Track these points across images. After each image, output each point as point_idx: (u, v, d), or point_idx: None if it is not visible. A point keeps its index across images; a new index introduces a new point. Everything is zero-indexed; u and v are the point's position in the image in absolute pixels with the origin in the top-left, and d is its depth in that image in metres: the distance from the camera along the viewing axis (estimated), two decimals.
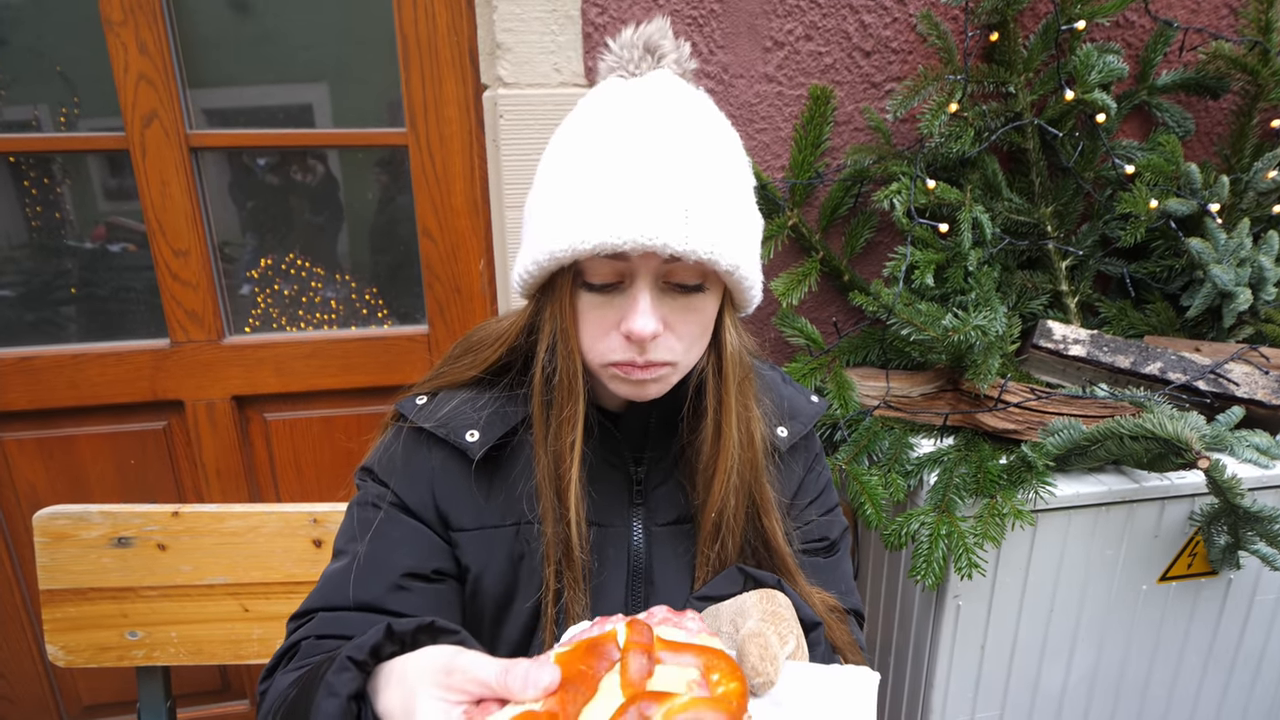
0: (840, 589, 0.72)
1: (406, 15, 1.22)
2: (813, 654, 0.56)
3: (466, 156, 1.29)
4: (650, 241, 0.52)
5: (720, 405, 0.62)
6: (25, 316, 1.29)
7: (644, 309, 0.55)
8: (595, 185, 0.54)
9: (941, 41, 1.21)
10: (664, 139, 0.55)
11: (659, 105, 0.57)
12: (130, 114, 1.19)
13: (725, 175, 0.57)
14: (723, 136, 0.59)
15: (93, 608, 0.97)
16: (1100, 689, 1.22)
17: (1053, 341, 1.20)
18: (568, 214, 0.55)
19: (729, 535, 0.65)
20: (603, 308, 0.58)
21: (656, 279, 0.57)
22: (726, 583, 0.62)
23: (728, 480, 0.63)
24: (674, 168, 0.54)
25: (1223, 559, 1.10)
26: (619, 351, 0.58)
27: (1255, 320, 1.27)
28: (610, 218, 0.52)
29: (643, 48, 0.61)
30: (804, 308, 1.33)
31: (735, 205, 0.57)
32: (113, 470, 1.34)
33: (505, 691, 0.42)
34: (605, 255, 0.54)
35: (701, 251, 0.53)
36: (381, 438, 0.70)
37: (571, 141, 0.58)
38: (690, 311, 0.59)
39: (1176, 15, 1.30)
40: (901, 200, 1.16)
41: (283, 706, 0.54)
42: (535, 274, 0.58)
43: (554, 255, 0.55)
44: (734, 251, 0.55)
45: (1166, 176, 1.23)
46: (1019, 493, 1.05)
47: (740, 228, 0.57)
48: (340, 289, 1.39)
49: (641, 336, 0.55)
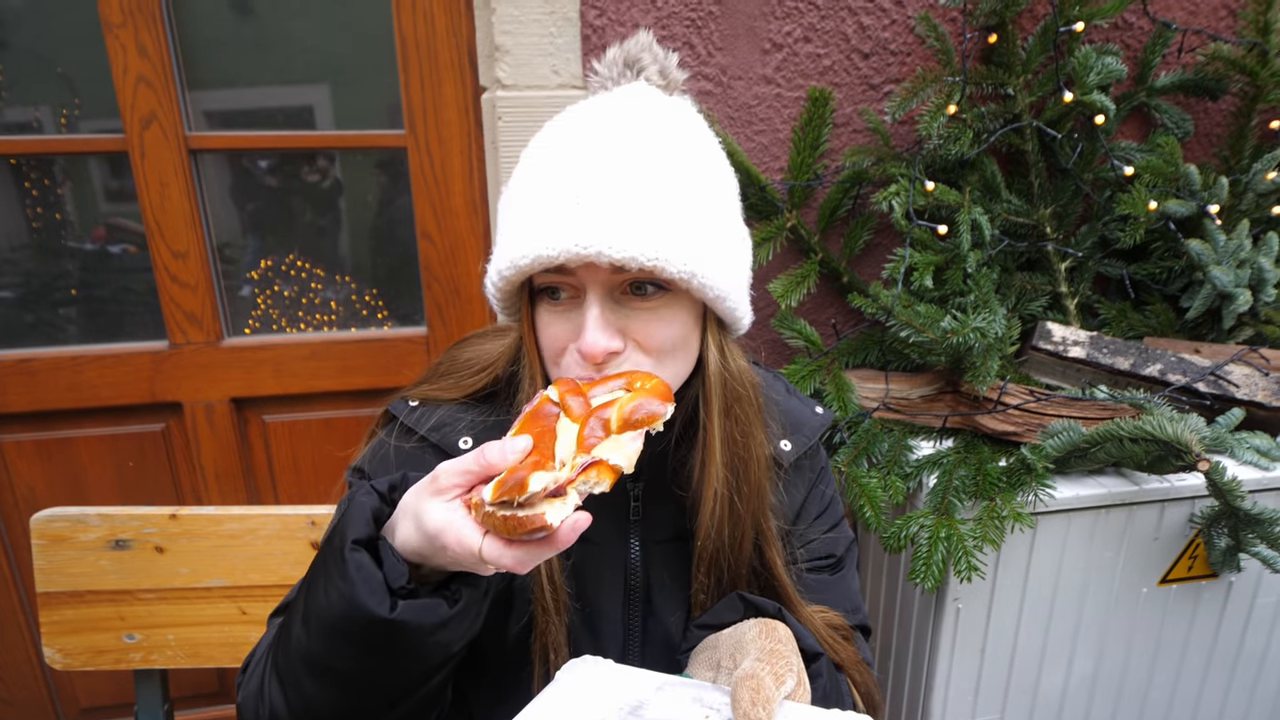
0: (846, 606, 0.71)
1: (405, 18, 1.22)
2: (814, 684, 0.55)
3: (465, 158, 1.30)
4: (585, 250, 0.49)
5: (705, 431, 0.60)
6: (25, 318, 1.29)
7: (592, 324, 0.53)
8: (533, 199, 0.54)
9: (940, 43, 1.21)
10: (605, 147, 0.54)
11: (608, 116, 0.56)
12: (129, 116, 1.19)
13: (678, 182, 0.54)
14: (683, 145, 0.57)
15: (90, 610, 0.97)
16: (1101, 692, 1.21)
17: (1052, 343, 1.19)
18: (513, 230, 0.54)
19: (725, 562, 0.64)
20: (560, 321, 0.56)
21: (609, 290, 0.54)
22: (727, 610, 0.61)
23: (714, 508, 0.61)
24: (611, 175, 0.52)
25: (1223, 561, 1.10)
26: (575, 369, 0.55)
27: (1255, 322, 1.27)
28: (546, 229, 0.51)
29: (623, 63, 0.61)
30: (803, 309, 1.33)
31: (689, 211, 0.54)
32: (111, 472, 1.34)
33: (486, 468, 0.46)
34: (549, 270, 0.53)
35: (644, 257, 0.50)
36: (372, 439, 0.69)
37: (525, 161, 0.58)
38: (656, 321, 0.55)
39: (1175, 17, 1.30)
40: (900, 202, 1.16)
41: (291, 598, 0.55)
42: (495, 295, 0.58)
43: (501, 273, 0.54)
44: (685, 258, 0.52)
45: (1165, 178, 1.23)
46: (1018, 495, 1.05)
47: (695, 235, 0.54)
48: (340, 290, 1.39)
49: (591, 353, 0.53)
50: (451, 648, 0.51)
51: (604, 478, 0.45)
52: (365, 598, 0.47)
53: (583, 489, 0.45)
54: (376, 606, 0.47)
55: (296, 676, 0.52)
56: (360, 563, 0.48)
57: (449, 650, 0.51)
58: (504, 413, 0.65)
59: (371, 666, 0.50)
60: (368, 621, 0.47)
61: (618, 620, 0.66)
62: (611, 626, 0.66)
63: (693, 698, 0.52)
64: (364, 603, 0.47)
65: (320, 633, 0.50)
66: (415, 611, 0.48)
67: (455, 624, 0.50)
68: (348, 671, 0.50)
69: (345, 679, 0.51)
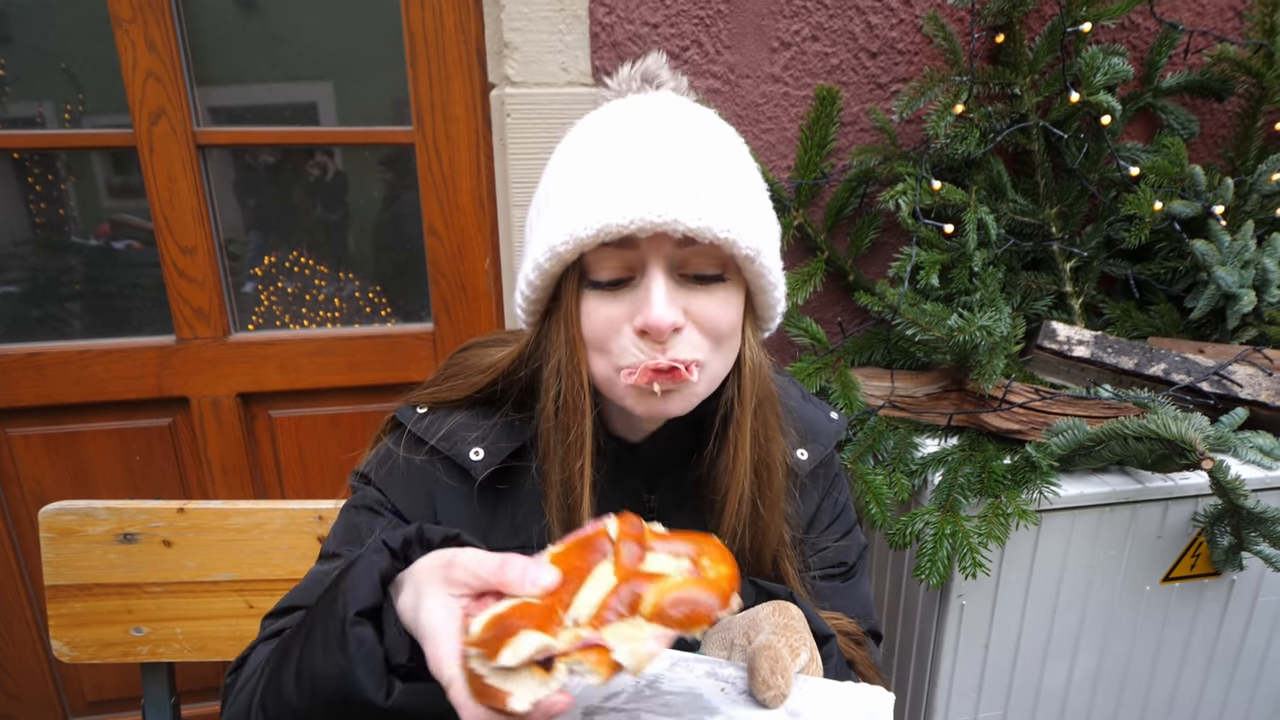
0: (858, 612, 0.70)
1: (414, 14, 1.22)
2: (826, 666, 0.55)
3: (473, 155, 1.30)
4: (660, 218, 0.47)
5: (737, 427, 0.58)
6: (31, 312, 1.29)
7: (660, 297, 0.50)
8: (595, 173, 0.51)
9: (947, 43, 1.21)
10: (667, 125, 0.53)
11: (662, 105, 0.56)
12: (138, 111, 1.19)
13: (739, 167, 0.55)
14: (733, 139, 0.58)
15: (98, 603, 0.98)
16: (1103, 689, 1.22)
17: (1057, 342, 1.20)
18: (568, 207, 0.51)
19: (744, 568, 0.62)
20: (611, 306, 0.52)
21: (671, 267, 0.52)
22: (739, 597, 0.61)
23: (739, 509, 0.59)
24: (680, 148, 0.51)
25: (1226, 560, 1.10)
26: (633, 352, 0.52)
27: (1259, 322, 1.27)
28: (612, 199, 0.49)
29: (640, 78, 0.60)
30: (809, 307, 1.33)
31: (751, 195, 0.54)
32: (118, 467, 1.34)
33: (502, 585, 0.41)
34: (611, 243, 0.50)
35: (718, 229, 0.48)
36: (377, 445, 0.67)
37: (571, 147, 0.56)
38: (714, 304, 0.53)
39: (1182, 18, 1.31)
40: (907, 201, 1.16)
41: (288, 639, 0.50)
42: (537, 282, 0.54)
43: (554, 250, 0.51)
44: (754, 236, 0.51)
45: (1171, 178, 1.23)
46: (1023, 493, 1.05)
47: (759, 218, 0.54)
48: (343, 287, 1.39)
49: (660, 327, 0.49)
50: None
51: (599, 671, 0.38)
52: (363, 679, 0.43)
53: (575, 670, 0.38)
54: (373, 693, 0.43)
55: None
56: (362, 638, 0.44)
57: None
58: (509, 413, 0.63)
59: None
60: (363, 705, 0.43)
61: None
62: None
63: (706, 672, 0.52)
64: (361, 685, 0.43)
65: (312, 698, 0.46)
66: (414, 697, 0.44)
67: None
68: None
69: None
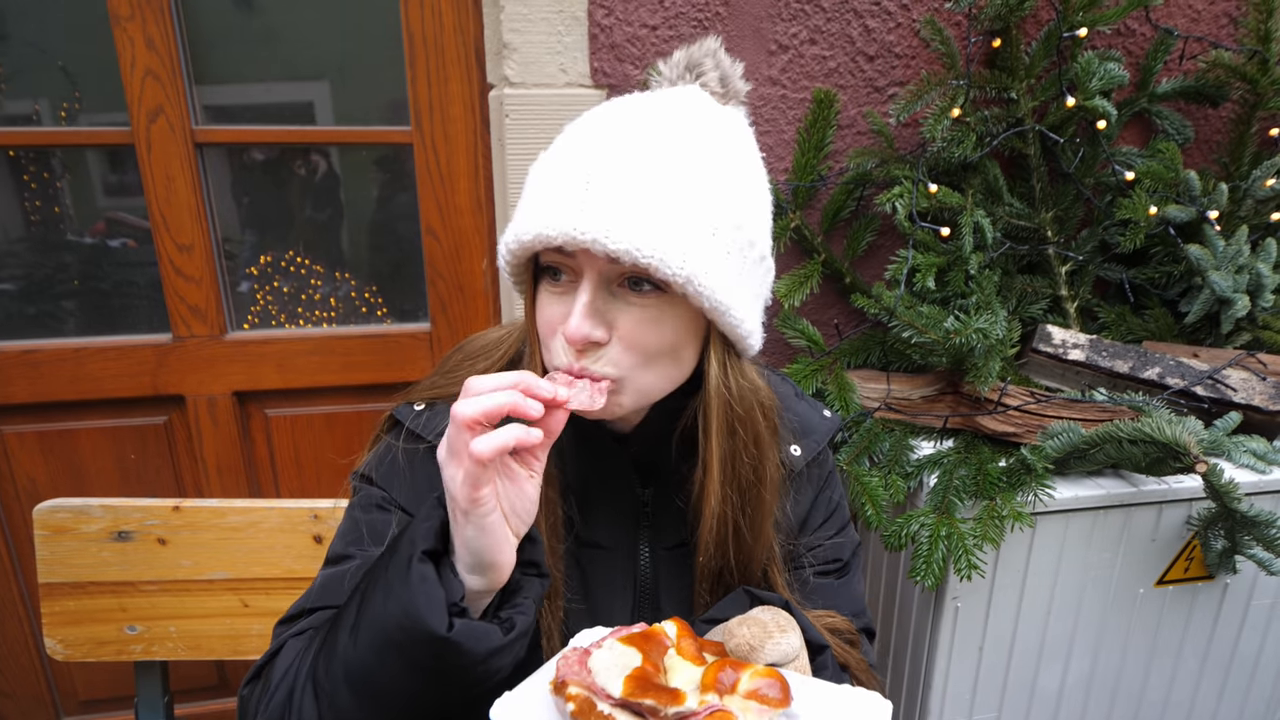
0: (851, 610, 0.71)
1: (413, 14, 1.22)
2: (821, 676, 0.56)
3: (471, 155, 1.30)
4: (581, 236, 0.49)
5: (705, 449, 0.58)
6: (26, 310, 1.29)
7: (579, 310, 0.52)
8: (547, 180, 0.54)
9: (944, 47, 1.22)
10: (632, 140, 0.53)
11: (643, 110, 0.56)
12: (136, 109, 1.19)
13: (700, 185, 0.52)
14: (716, 151, 0.55)
15: (92, 601, 0.97)
16: (1097, 691, 1.22)
17: (1052, 346, 1.20)
18: (525, 204, 0.55)
19: (729, 580, 0.63)
20: (555, 305, 0.55)
21: (604, 280, 0.53)
22: (733, 605, 0.61)
23: (714, 525, 0.60)
24: (626, 164, 0.51)
25: (1219, 563, 1.11)
26: (560, 355, 0.54)
27: (1253, 327, 1.28)
28: (550, 210, 0.51)
29: (684, 66, 0.60)
30: (806, 309, 1.34)
31: (703, 215, 0.52)
32: (112, 465, 1.34)
33: (529, 388, 0.48)
34: (550, 249, 0.53)
35: (641, 254, 0.48)
36: (376, 444, 0.67)
37: (552, 145, 0.58)
38: (645, 322, 0.53)
39: (1177, 24, 1.32)
40: (903, 204, 1.17)
41: (338, 614, 0.54)
42: (505, 270, 0.58)
43: (508, 246, 0.55)
44: (686, 260, 0.50)
45: (1166, 183, 1.24)
46: (1018, 495, 1.06)
47: (706, 240, 0.52)
48: (340, 286, 1.39)
49: (572, 339, 0.52)
50: (497, 676, 0.50)
51: None
52: (425, 610, 0.46)
53: None
54: (435, 622, 0.46)
55: (335, 688, 0.50)
56: (425, 574, 0.47)
57: (493, 679, 0.50)
58: None
59: (414, 687, 0.49)
60: (422, 636, 0.46)
61: (626, 624, 0.66)
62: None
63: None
64: (422, 615, 0.46)
65: (371, 643, 0.49)
66: (470, 634, 0.47)
67: (506, 652, 0.49)
68: (389, 690, 0.49)
69: (385, 697, 0.49)
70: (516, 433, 0.47)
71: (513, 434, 0.47)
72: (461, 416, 0.46)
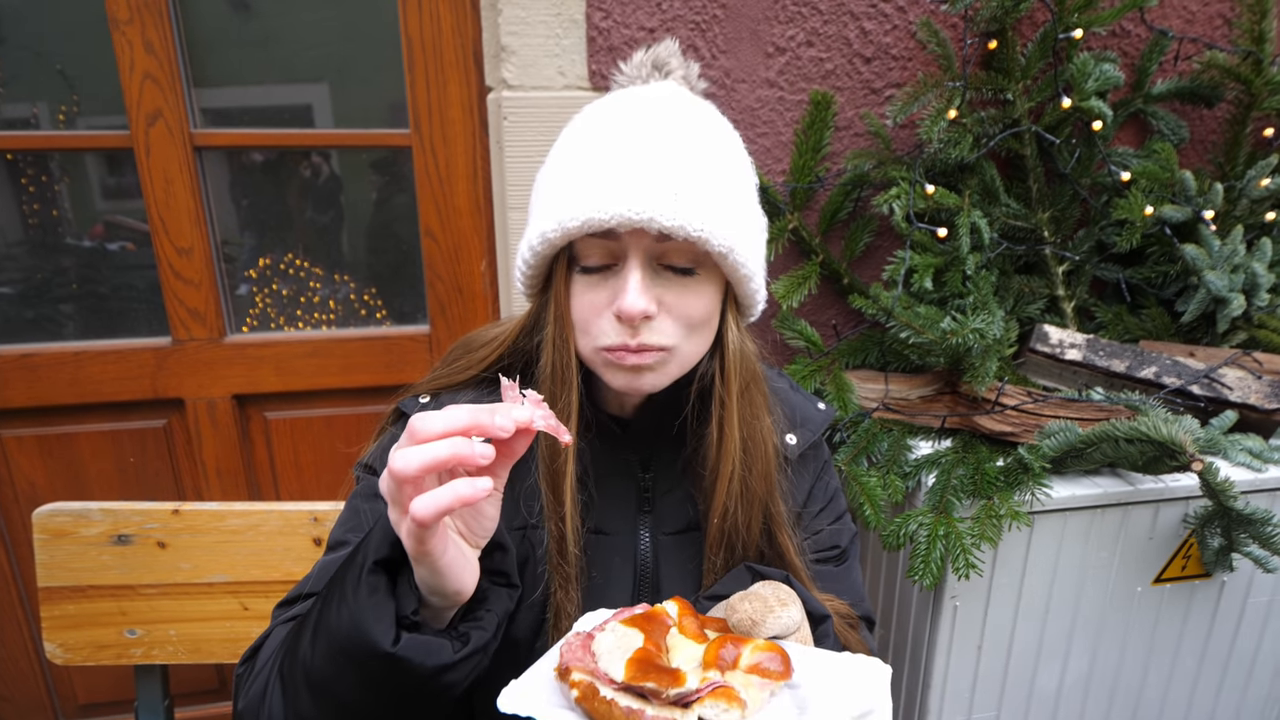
0: (851, 597, 0.72)
1: (411, 18, 1.22)
2: (822, 646, 0.56)
3: (469, 158, 1.30)
4: (637, 216, 0.52)
5: (723, 407, 0.61)
6: (25, 314, 1.29)
7: (634, 287, 0.55)
8: (586, 167, 0.56)
9: (941, 49, 1.22)
10: (657, 126, 0.56)
11: (655, 100, 0.59)
12: (135, 112, 1.19)
13: (720, 165, 0.58)
14: (721, 135, 0.60)
15: (91, 605, 0.97)
16: (1095, 690, 1.23)
17: (1049, 345, 1.21)
18: (560, 197, 0.56)
19: (737, 545, 0.64)
20: (595, 290, 0.57)
21: (649, 259, 0.56)
22: (734, 582, 0.62)
23: (730, 485, 0.62)
24: (664, 150, 0.55)
25: (1216, 561, 1.11)
26: (611, 334, 0.57)
27: (1249, 326, 1.29)
28: (597, 194, 0.53)
29: (651, 65, 0.64)
30: (804, 310, 1.34)
31: (730, 193, 0.58)
32: (112, 468, 1.34)
33: (475, 428, 0.45)
34: (595, 234, 0.55)
35: (691, 228, 0.53)
36: (381, 436, 0.69)
37: (568, 138, 0.60)
38: (687, 294, 0.58)
39: (1172, 25, 1.32)
40: (901, 205, 1.17)
41: (307, 610, 0.53)
42: (532, 261, 0.59)
43: (545, 236, 0.56)
44: (727, 234, 0.55)
45: (1161, 183, 1.24)
46: (1016, 494, 1.06)
47: (735, 215, 0.57)
48: (339, 289, 1.39)
49: (631, 314, 0.54)
50: (454, 690, 0.49)
51: (735, 708, 0.43)
52: (370, 625, 0.45)
53: (708, 714, 0.43)
54: (380, 637, 0.45)
55: (297, 691, 0.50)
56: (376, 585, 0.47)
57: (450, 693, 0.49)
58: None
59: (370, 700, 0.48)
60: (370, 651, 0.45)
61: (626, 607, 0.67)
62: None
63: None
64: (369, 630, 0.45)
65: (326, 652, 0.48)
66: (417, 649, 0.46)
67: (458, 668, 0.48)
68: (347, 701, 0.49)
69: (344, 709, 0.49)
70: (461, 491, 0.42)
71: (457, 494, 0.42)
72: (399, 472, 0.42)
